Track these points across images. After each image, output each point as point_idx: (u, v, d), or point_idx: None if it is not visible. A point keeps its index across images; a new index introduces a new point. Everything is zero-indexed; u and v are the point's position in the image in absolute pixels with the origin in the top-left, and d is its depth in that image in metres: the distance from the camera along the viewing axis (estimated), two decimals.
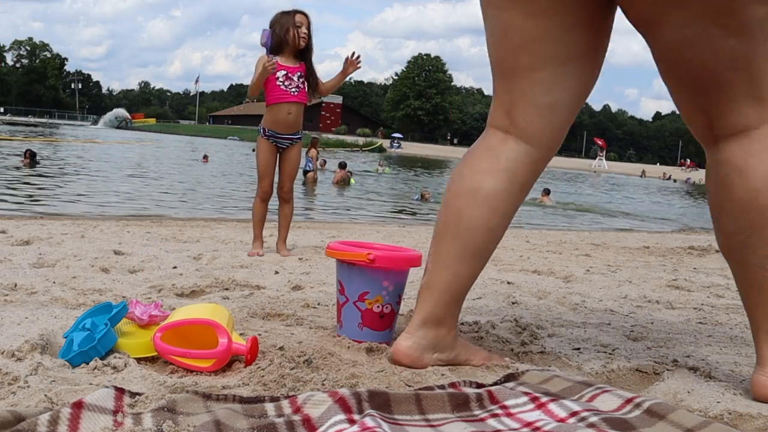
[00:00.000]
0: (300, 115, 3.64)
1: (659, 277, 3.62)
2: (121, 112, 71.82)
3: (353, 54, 3.62)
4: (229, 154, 26.93)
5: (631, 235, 7.68)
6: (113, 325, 1.48)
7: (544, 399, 1.25)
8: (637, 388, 1.56)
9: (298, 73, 3.59)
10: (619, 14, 1.52)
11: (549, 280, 3.25)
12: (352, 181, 15.01)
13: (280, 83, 3.56)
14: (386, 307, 1.76)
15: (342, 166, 15.33)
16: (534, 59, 1.49)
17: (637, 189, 29.18)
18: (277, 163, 3.71)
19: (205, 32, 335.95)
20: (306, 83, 3.63)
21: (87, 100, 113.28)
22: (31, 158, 12.49)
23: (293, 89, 3.56)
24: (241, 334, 1.61)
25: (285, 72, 3.55)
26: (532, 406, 1.24)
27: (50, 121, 68.80)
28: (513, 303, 2.50)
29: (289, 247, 3.77)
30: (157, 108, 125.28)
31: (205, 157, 20.79)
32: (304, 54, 3.64)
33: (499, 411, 1.23)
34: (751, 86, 1.37)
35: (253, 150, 4.05)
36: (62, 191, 8.92)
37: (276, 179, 3.74)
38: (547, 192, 15.00)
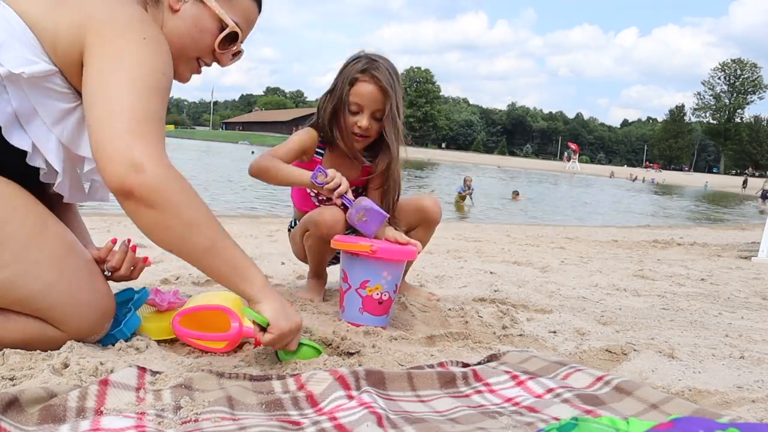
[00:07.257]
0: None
1: (626, 268, 3.63)
2: None
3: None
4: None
5: (602, 230, 7.70)
6: (135, 309, 1.47)
7: (523, 377, 1.25)
8: (606, 367, 1.56)
9: (354, 188, 1.93)
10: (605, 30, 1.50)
11: (527, 270, 3.25)
12: None
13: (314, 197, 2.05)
14: (384, 295, 1.76)
15: None
16: None
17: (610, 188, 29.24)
18: None
19: None
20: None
21: None
22: None
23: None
24: None
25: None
26: (512, 383, 1.24)
27: None
28: (495, 291, 2.50)
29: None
30: (175, 115, 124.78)
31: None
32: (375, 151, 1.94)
33: (482, 388, 1.23)
34: None
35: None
36: None
37: None
38: (516, 193, 14.90)
